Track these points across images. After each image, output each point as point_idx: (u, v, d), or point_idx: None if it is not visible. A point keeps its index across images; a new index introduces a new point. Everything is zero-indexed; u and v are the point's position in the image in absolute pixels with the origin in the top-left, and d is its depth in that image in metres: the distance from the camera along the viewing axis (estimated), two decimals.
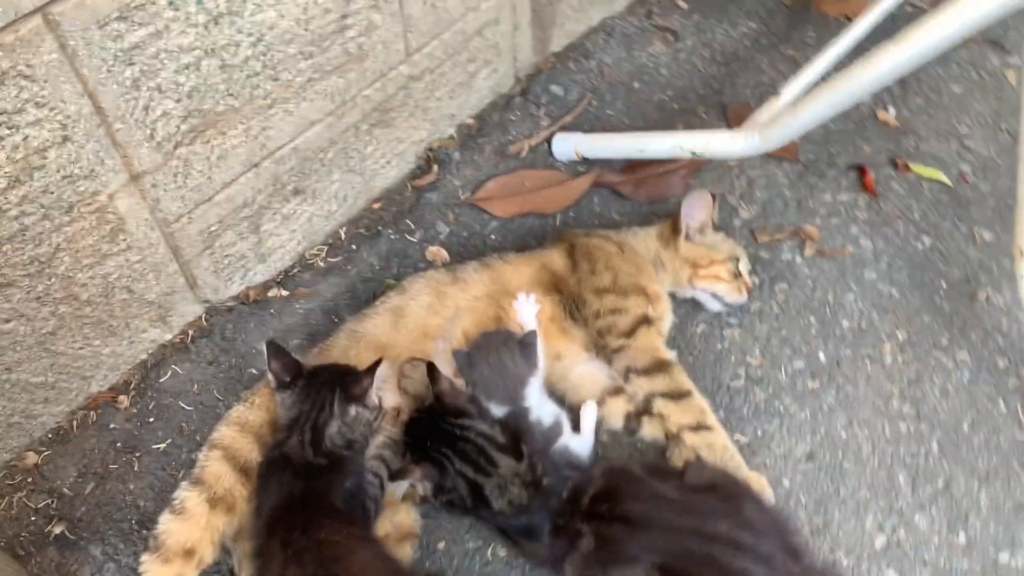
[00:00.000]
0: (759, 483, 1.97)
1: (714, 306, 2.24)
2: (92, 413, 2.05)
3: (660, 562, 1.70)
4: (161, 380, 2.11)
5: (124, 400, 2.08)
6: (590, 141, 2.46)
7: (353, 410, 1.76)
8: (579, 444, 1.98)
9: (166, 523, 1.75)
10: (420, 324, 2.01)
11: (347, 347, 1.99)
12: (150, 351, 2.13)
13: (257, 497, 1.71)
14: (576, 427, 2.01)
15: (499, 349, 1.91)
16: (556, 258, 2.16)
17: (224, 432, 1.85)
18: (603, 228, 2.31)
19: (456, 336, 2.00)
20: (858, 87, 1.85)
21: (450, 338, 2.00)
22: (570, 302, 2.09)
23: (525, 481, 1.77)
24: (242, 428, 1.84)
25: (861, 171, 2.57)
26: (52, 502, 1.94)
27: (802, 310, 2.32)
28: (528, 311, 2.01)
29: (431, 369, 1.82)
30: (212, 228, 2.04)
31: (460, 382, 1.86)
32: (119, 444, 2.02)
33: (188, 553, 1.72)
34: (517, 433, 1.85)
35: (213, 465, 1.79)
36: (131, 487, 1.96)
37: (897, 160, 2.60)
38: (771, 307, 2.32)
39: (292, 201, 2.20)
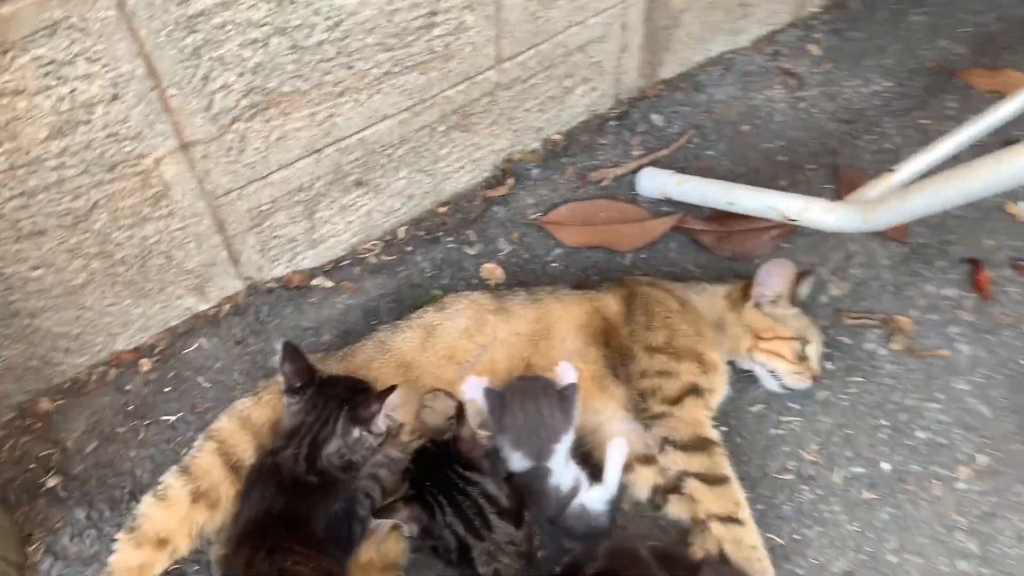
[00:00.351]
0: None
1: (771, 384, 2.03)
2: (112, 371, 2.02)
3: None
4: (186, 351, 2.06)
5: (146, 364, 2.03)
6: (679, 182, 2.28)
7: (357, 432, 1.66)
8: (598, 497, 1.83)
9: (147, 506, 1.69)
10: (449, 346, 1.89)
11: (371, 357, 1.89)
12: (182, 318, 2.08)
13: (239, 502, 1.62)
14: (596, 477, 1.86)
15: (537, 397, 1.77)
16: (611, 303, 2.00)
17: (224, 424, 1.77)
18: (672, 279, 2.13)
19: (482, 366, 1.87)
20: (989, 183, 1.58)
21: (476, 366, 1.87)
22: (617, 355, 1.93)
23: (519, 551, 1.64)
24: (243, 424, 1.76)
25: (975, 266, 2.30)
26: (54, 453, 1.91)
27: (874, 410, 2.09)
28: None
29: (460, 411, 1.71)
30: (263, 207, 1.97)
31: (483, 432, 1.73)
32: (131, 408, 1.98)
33: (161, 542, 1.66)
34: (524, 497, 1.72)
35: (204, 457, 1.72)
36: (132, 454, 1.91)
37: (1020, 262, 2.32)
38: (840, 400, 2.10)
39: (352, 192, 2.11)
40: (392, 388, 1.68)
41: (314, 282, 2.19)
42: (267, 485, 1.59)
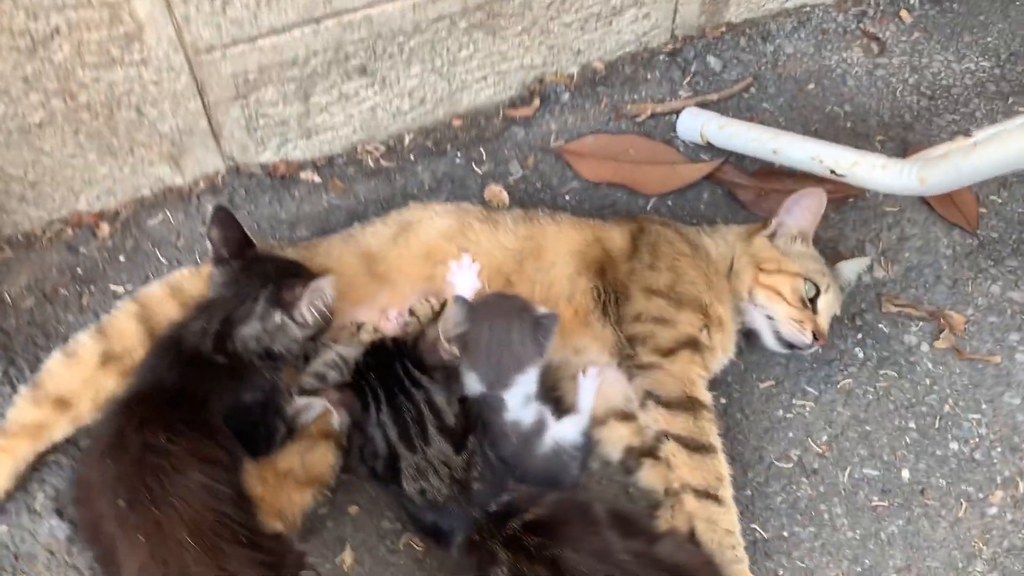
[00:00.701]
0: None
1: (768, 338, 1.75)
2: (69, 230, 1.87)
3: None
4: (150, 222, 1.90)
5: (105, 228, 1.88)
6: (720, 124, 2.02)
7: (278, 317, 1.46)
8: (569, 431, 1.61)
9: (53, 363, 1.54)
10: (426, 245, 1.69)
11: (334, 248, 1.70)
12: (153, 188, 1.92)
13: (133, 375, 1.44)
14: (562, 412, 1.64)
15: (510, 318, 1.55)
16: (616, 236, 1.76)
17: (153, 290, 1.61)
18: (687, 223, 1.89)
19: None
20: None
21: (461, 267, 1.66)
22: (610, 291, 1.69)
23: (453, 476, 1.42)
24: (173, 292, 1.59)
25: None
26: None
27: (903, 410, 1.80)
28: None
29: (443, 306, 1.51)
30: (250, 75, 1.79)
31: (448, 345, 1.51)
32: (80, 271, 1.83)
33: (62, 403, 1.50)
34: (474, 424, 1.50)
35: (123, 320, 1.55)
36: (70, 319, 1.76)
37: None
38: (865, 392, 1.82)
39: (355, 80, 1.91)
40: (321, 275, 1.48)
41: (302, 175, 2.00)
42: (163, 357, 1.41)
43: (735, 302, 1.74)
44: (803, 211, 1.76)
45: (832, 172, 1.77)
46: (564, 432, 1.61)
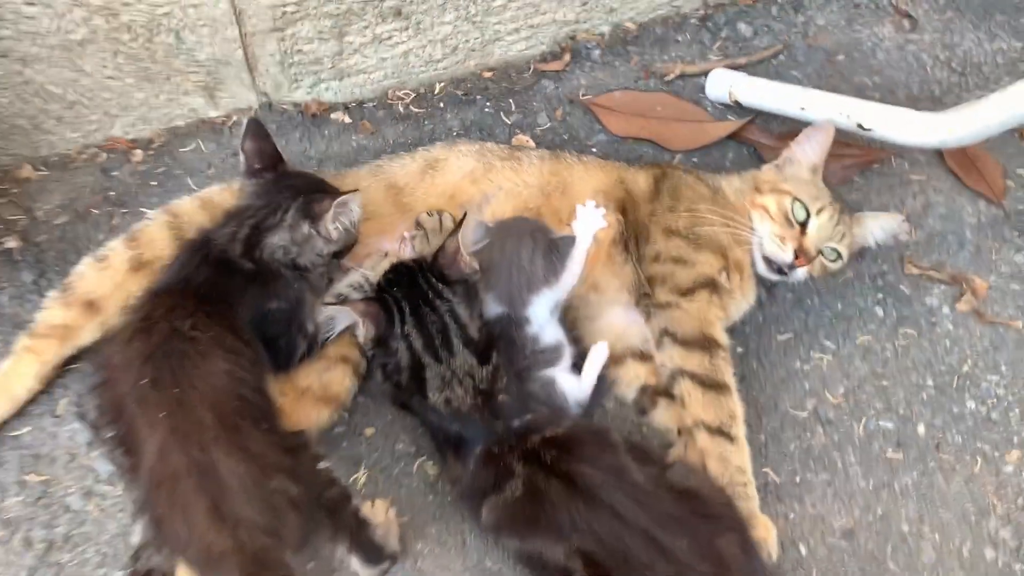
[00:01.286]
0: (765, 529, 1.51)
1: (757, 260, 1.72)
2: (103, 154, 1.91)
3: (586, 549, 1.31)
4: (182, 150, 1.93)
5: (139, 155, 1.91)
6: (748, 83, 2.03)
7: (306, 228, 1.48)
8: (572, 386, 1.60)
9: (84, 266, 1.56)
10: (451, 184, 1.70)
11: (362, 179, 1.72)
12: (187, 119, 1.95)
13: (161, 272, 1.47)
14: (578, 368, 1.63)
15: (522, 238, 1.56)
16: (640, 179, 1.77)
17: (184, 202, 1.63)
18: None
19: (485, 217, 1.67)
20: None
21: (483, 207, 1.67)
22: (632, 231, 1.70)
23: (478, 387, 1.43)
24: (204, 204, 1.62)
25: None
26: (22, 218, 1.81)
27: (922, 368, 1.80)
28: (590, 222, 1.63)
29: (460, 221, 1.49)
30: (287, 8, 1.82)
31: (469, 257, 1.52)
32: (112, 194, 1.86)
33: (91, 305, 1.52)
34: (495, 339, 1.51)
35: (154, 228, 1.58)
36: (100, 237, 1.79)
37: None
38: (884, 348, 1.81)
39: (389, 22, 1.94)
40: (352, 192, 1.50)
41: (333, 115, 2.03)
42: (193, 257, 1.43)
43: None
44: (811, 143, 1.75)
45: (859, 126, 1.77)
46: (566, 386, 1.59)
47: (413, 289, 1.46)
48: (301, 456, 1.29)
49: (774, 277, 1.73)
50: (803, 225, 1.69)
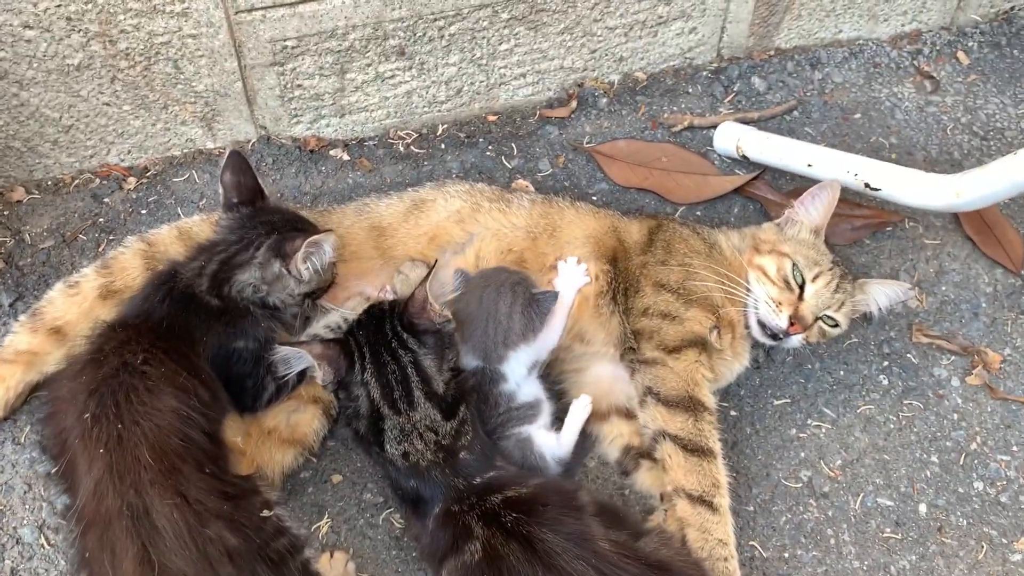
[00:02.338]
0: None
1: (752, 322, 1.64)
2: (97, 180, 1.90)
3: None
4: (175, 180, 1.91)
5: (132, 182, 1.90)
6: (756, 137, 1.98)
7: (276, 267, 1.44)
8: (551, 444, 1.53)
9: (54, 293, 1.54)
10: (434, 226, 1.66)
11: (346, 218, 1.68)
12: (184, 150, 1.94)
13: (124, 304, 1.43)
14: (560, 422, 1.56)
15: (501, 292, 1.50)
16: (633, 229, 1.71)
17: (162, 231, 1.61)
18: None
19: (465, 258, 1.62)
20: None
21: (459, 256, 1.62)
22: (621, 282, 1.64)
23: (440, 442, 1.36)
24: (181, 235, 1.59)
25: None
26: (8, 241, 1.80)
27: (927, 443, 1.70)
28: (572, 278, 1.59)
29: (430, 270, 1.44)
30: (288, 43, 1.81)
31: (440, 308, 1.47)
32: (101, 220, 1.85)
33: (57, 332, 1.50)
34: (466, 394, 1.45)
35: (128, 257, 1.55)
36: (83, 263, 1.76)
37: None
38: (887, 420, 1.72)
39: (392, 61, 1.92)
40: (325, 231, 1.45)
41: (331, 152, 2.01)
42: (157, 290, 1.40)
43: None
44: (816, 203, 1.68)
45: (867, 186, 1.71)
46: (544, 445, 1.52)
47: (377, 335, 1.40)
48: (245, 503, 1.23)
49: (768, 342, 1.65)
50: (801, 289, 1.62)
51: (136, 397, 1.20)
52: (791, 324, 1.58)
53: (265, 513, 1.25)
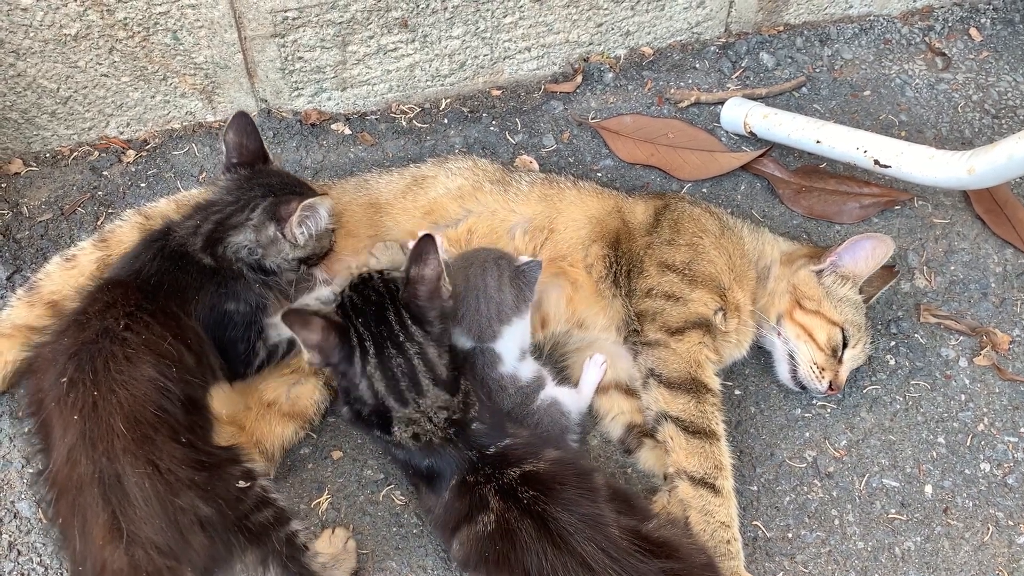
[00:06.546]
0: None
1: (783, 370, 1.65)
2: (95, 152, 1.87)
3: None
4: (175, 153, 1.89)
5: (131, 155, 1.88)
6: (764, 113, 1.94)
7: (271, 230, 1.41)
8: (572, 398, 1.55)
9: (51, 267, 1.52)
10: (431, 202, 1.63)
11: (344, 194, 1.66)
12: (184, 122, 1.91)
13: (117, 260, 1.41)
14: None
15: (487, 267, 1.48)
16: (638, 210, 1.68)
17: (160, 204, 1.59)
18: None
19: (457, 232, 1.60)
20: None
21: (450, 230, 1.60)
22: (624, 264, 1.61)
23: (451, 418, 1.34)
24: (179, 208, 1.56)
25: None
26: (6, 214, 1.78)
27: (933, 424, 1.68)
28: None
29: (431, 245, 1.37)
30: (288, 14, 1.78)
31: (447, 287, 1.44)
32: (100, 193, 1.83)
33: (54, 305, 1.48)
34: (461, 365, 1.43)
35: (125, 230, 1.53)
36: (81, 236, 1.74)
37: None
38: (894, 401, 1.70)
39: (395, 33, 1.89)
40: (321, 195, 1.43)
41: (333, 126, 1.98)
42: (148, 249, 1.38)
43: (758, 316, 1.65)
44: (864, 255, 1.63)
45: (876, 163, 1.68)
46: (563, 396, 1.54)
47: (382, 325, 1.36)
48: (221, 473, 1.21)
49: (792, 387, 1.66)
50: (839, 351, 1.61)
51: (114, 365, 1.19)
52: (830, 388, 1.59)
53: (242, 484, 1.22)
